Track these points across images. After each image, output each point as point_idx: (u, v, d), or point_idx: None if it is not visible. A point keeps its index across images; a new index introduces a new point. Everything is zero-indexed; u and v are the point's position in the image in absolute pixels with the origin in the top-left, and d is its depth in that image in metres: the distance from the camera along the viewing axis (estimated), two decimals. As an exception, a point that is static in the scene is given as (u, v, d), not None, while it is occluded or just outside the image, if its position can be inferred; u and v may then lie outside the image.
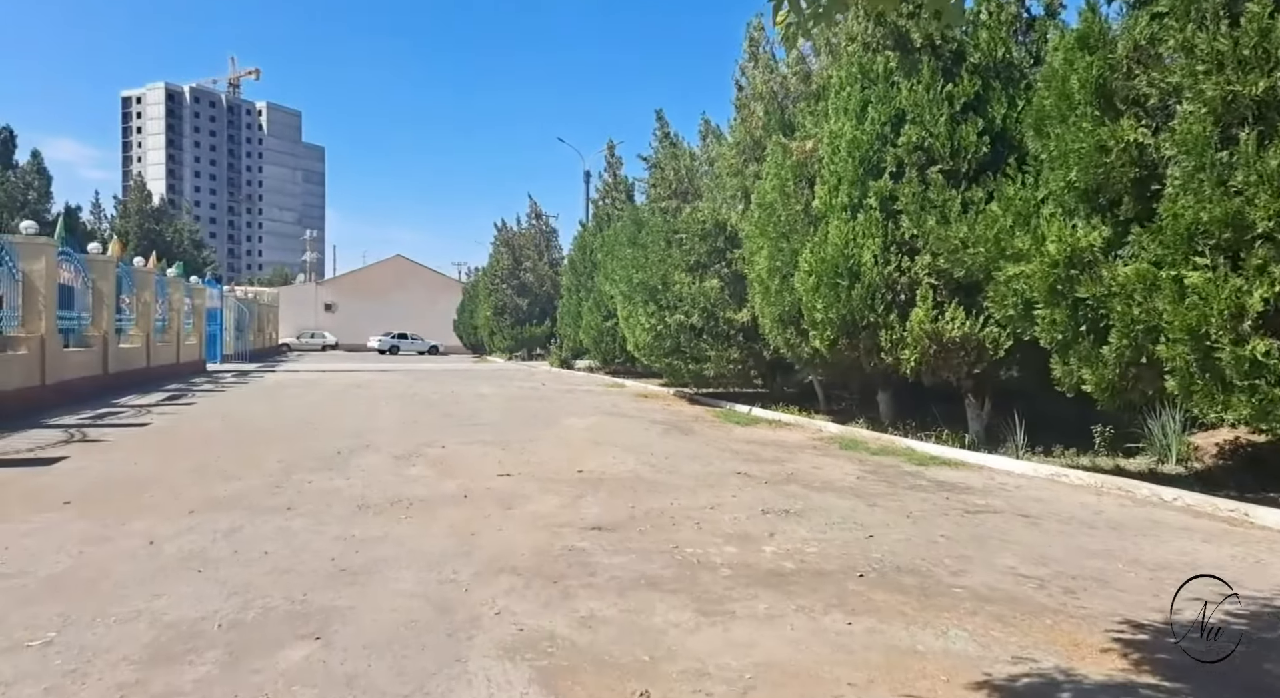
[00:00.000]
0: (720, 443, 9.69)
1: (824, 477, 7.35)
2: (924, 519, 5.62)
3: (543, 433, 10.32)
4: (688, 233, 13.78)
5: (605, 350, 22.38)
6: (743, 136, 13.57)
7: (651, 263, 14.37)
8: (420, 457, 8.25)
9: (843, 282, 9.43)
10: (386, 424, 11.04)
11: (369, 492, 6.34)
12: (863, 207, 9.55)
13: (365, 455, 8.24)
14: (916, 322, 8.78)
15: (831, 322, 9.66)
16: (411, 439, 9.51)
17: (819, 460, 8.34)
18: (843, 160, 9.79)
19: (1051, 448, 8.60)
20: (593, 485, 6.73)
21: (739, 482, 7.00)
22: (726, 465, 7.91)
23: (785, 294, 10.99)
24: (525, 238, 36.20)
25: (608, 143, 25.46)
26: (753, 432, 10.97)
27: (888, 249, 9.22)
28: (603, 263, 23.00)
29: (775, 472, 7.57)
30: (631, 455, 8.47)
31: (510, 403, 14.64)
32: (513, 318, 35.17)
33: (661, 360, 14.61)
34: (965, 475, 7.51)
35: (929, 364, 8.92)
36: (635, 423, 11.66)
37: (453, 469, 7.55)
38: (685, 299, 13.70)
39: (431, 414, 12.47)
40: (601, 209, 24.99)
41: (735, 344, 13.38)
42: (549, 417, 12.32)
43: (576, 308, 24.80)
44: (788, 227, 10.93)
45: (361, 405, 13.70)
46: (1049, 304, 6.69)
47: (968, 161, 8.99)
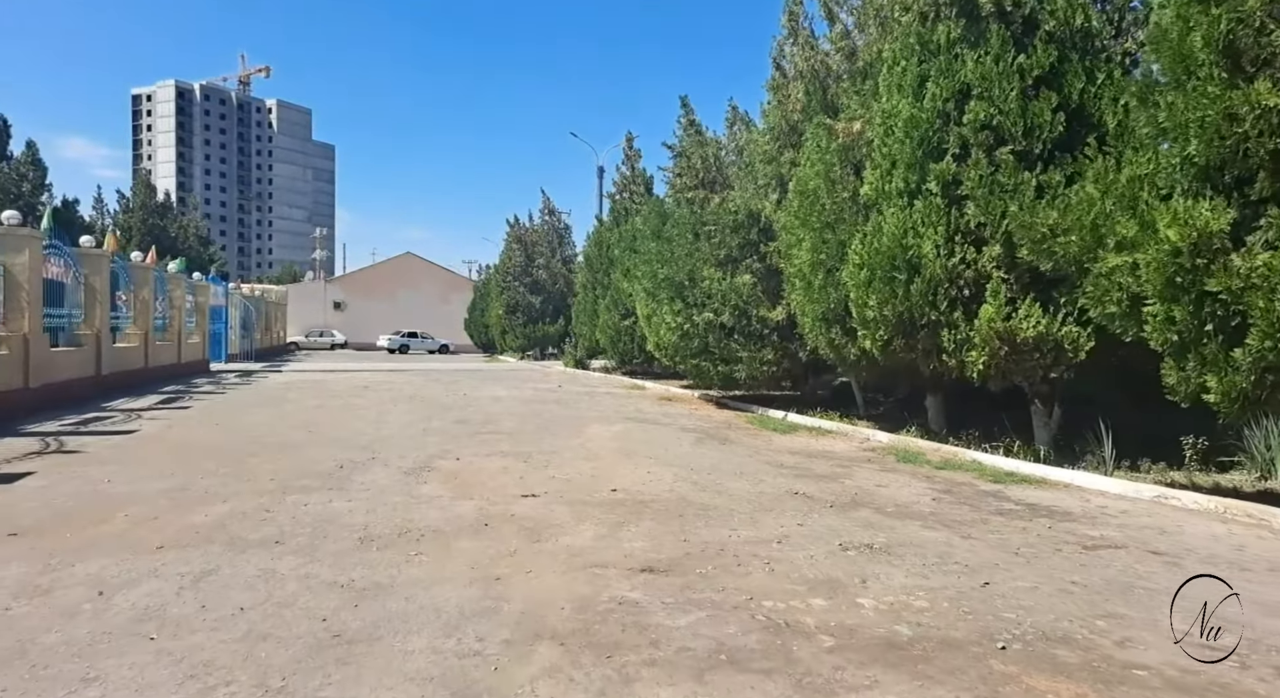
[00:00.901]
0: (763, 454, 8.74)
1: (894, 498, 6.40)
2: (1038, 558, 4.66)
3: (566, 442, 9.40)
4: (717, 225, 12.83)
5: (623, 350, 21.46)
6: (778, 121, 12.61)
7: (678, 257, 13.43)
8: (432, 471, 7.35)
9: (899, 276, 8.47)
10: (395, 431, 10.16)
11: (373, 518, 5.44)
12: (921, 192, 8.59)
13: (371, 470, 7.34)
14: (985, 320, 7.81)
15: (886, 320, 8.70)
16: (422, 449, 8.61)
17: (880, 477, 7.39)
18: (898, 141, 8.83)
19: (1134, 462, 7.62)
20: (632, 510, 5.81)
21: (799, 505, 6.05)
22: (778, 483, 6.96)
23: (830, 290, 10.02)
24: (538, 234, 35.33)
25: (626, 135, 24.55)
26: (794, 441, 10.02)
27: (951, 239, 8.24)
28: (620, 259, 22.11)
29: (836, 491, 6.62)
30: (668, 470, 7.54)
31: (527, 407, 13.74)
32: (525, 316, 34.30)
33: (688, 362, 13.67)
34: (1055, 497, 6.54)
35: (999, 367, 7.94)
36: (665, 430, 10.72)
37: (469, 487, 6.64)
38: (715, 296, 12.75)
39: (444, 420, 11.58)
40: (619, 203, 24.06)
41: (769, 344, 12.42)
42: (570, 423, 11.41)
43: (593, 306, 23.88)
44: (833, 216, 9.97)
45: (369, 410, 12.83)
46: (1166, 299, 5.70)
47: (1042, 141, 8.01)
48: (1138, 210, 5.99)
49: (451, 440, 9.38)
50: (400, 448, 8.71)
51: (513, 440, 9.49)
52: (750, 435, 10.42)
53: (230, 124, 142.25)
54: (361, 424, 10.82)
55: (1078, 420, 10.15)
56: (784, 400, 14.15)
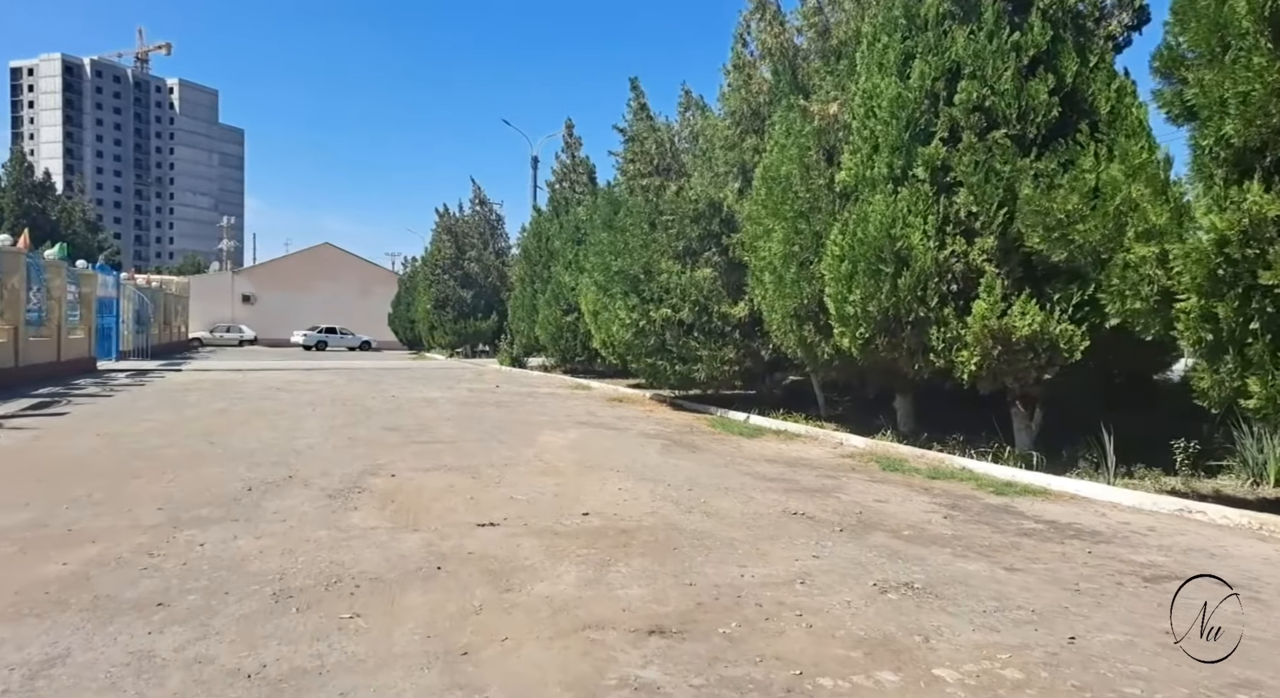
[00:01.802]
0: (739, 464, 7.93)
1: (902, 517, 5.66)
2: (1105, 597, 3.96)
3: (517, 452, 8.35)
4: (675, 215, 11.96)
5: (565, 348, 20.39)
6: (739, 105, 11.84)
7: (633, 249, 12.49)
8: (363, 492, 6.20)
9: (886, 268, 7.80)
10: (315, 441, 8.86)
11: (292, 563, 4.30)
12: (908, 178, 7.94)
13: (287, 492, 6.13)
14: (979, 317, 7.21)
15: (869, 316, 8.02)
16: (350, 464, 7.41)
17: (874, 489, 6.67)
18: (882, 123, 8.15)
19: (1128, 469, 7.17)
20: (616, 542, 4.85)
21: (804, 529, 5.23)
22: (769, 500, 6.14)
23: (803, 284, 9.30)
24: (469, 225, 33.76)
25: (566, 121, 23.41)
26: (764, 446, 9.25)
27: (942, 229, 7.62)
28: (561, 251, 21.06)
29: (836, 510, 5.84)
30: (642, 486, 6.61)
31: (465, 410, 12.54)
32: (456, 311, 32.69)
33: (643, 361, 12.76)
34: (1069, 511, 5.94)
35: (991, 368, 7.36)
36: (625, 437, 9.78)
37: (411, 513, 5.55)
38: (673, 291, 11.89)
39: (372, 426, 10.30)
40: (559, 193, 22.93)
41: (731, 343, 11.65)
42: (518, 429, 10.33)
43: (531, 301, 22.69)
44: (808, 204, 9.24)
45: (283, 415, 11.38)
46: (1205, 294, 5.14)
47: (1036, 126, 7.47)
48: (1169, 195, 5.43)
49: (383, 452, 8.18)
50: (322, 463, 7.47)
51: (455, 451, 8.37)
52: (717, 441, 9.60)
53: (126, 103, 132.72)
54: (274, 433, 9.45)
55: (1050, 422, 9.78)
56: (739, 400, 13.42)
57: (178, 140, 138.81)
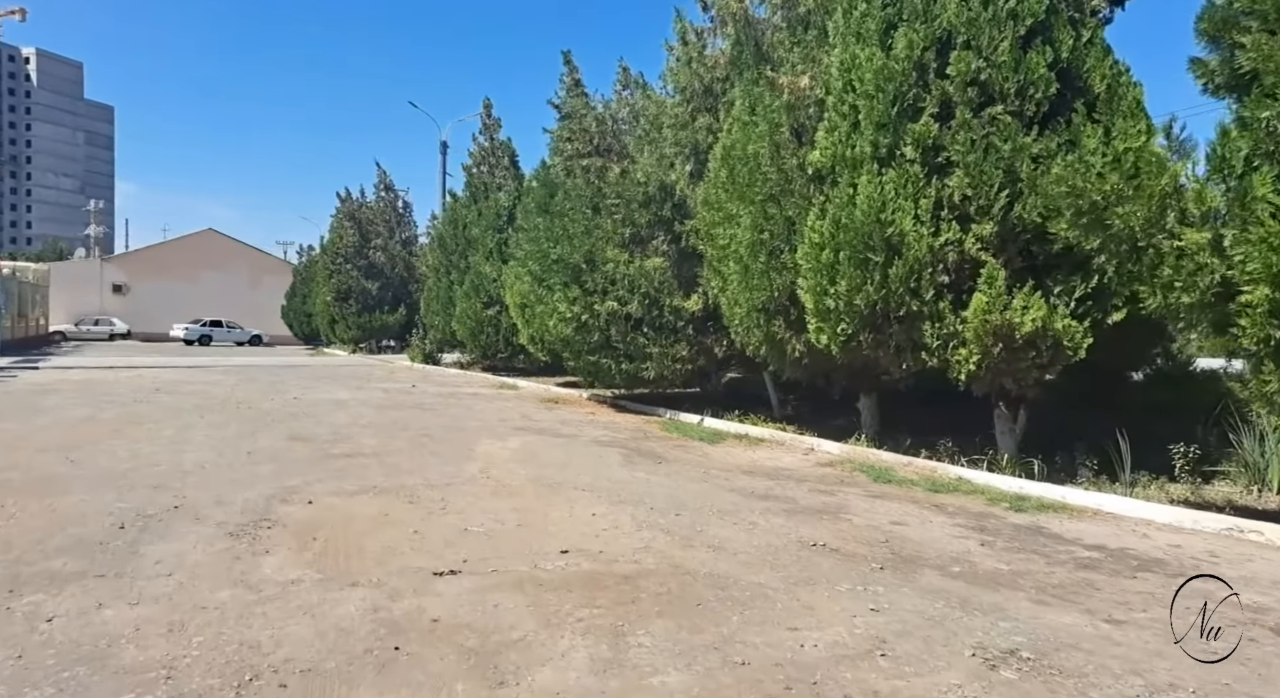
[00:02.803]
0: (715, 476, 7.03)
1: (931, 544, 4.90)
2: (1253, 664, 3.27)
3: (458, 467, 7.15)
4: (621, 199, 10.94)
5: (486, 344, 19.01)
6: (689, 81, 10.93)
7: (574, 235, 11.38)
8: (275, 526, 4.91)
9: (875, 257, 7.07)
10: (207, 457, 7.36)
11: (183, 646, 3.07)
12: (895, 158, 7.25)
13: (174, 529, 4.78)
14: (978, 311, 6.58)
15: (854, 311, 7.28)
16: (252, 486, 6.04)
17: (879, 508, 5.91)
18: (865, 97, 7.42)
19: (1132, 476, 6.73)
20: (619, 593, 3.83)
21: (837, 567, 4.36)
22: (773, 524, 5.26)
23: (773, 275, 8.50)
24: (374, 212, 31.51)
25: (484, 101, 21.87)
26: (732, 453, 8.41)
27: (936, 214, 6.96)
28: (481, 239, 19.69)
29: (854, 536, 5.03)
30: (620, 510, 5.60)
31: (384, 415, 11.11)
32: (360, 304, 30.46)
33: (584, 358, 11.69)
34: (1107, 532, 5.32)
35: (991, 368, 6.76)
36: (576, 445, 8.71)
37: (342, 556, 4.34)
38: (620, 282, 10.88)
39: (275, 435, 8.80)
40: (477, 177, 21.41)
41: (684, 339, 10.75)
42: (450, 436, 9.07)
43: (447, 293, 21.13)
44: (779, 187, 8.44)
45: (164, 423, 9.66)
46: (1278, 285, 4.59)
47: (1035, 102, 6.91)
48: (1224, 173, 4.88)
49: (294, 469, 6.81)
50: (218, 486, 6.06)
51: (383, 466, 7.08)
52: (678, 448, 8.68)
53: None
54: (154, 447, 7.85)
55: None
56: (682, 400, 12.58)
57: (35, 115, 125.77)
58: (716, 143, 10.35)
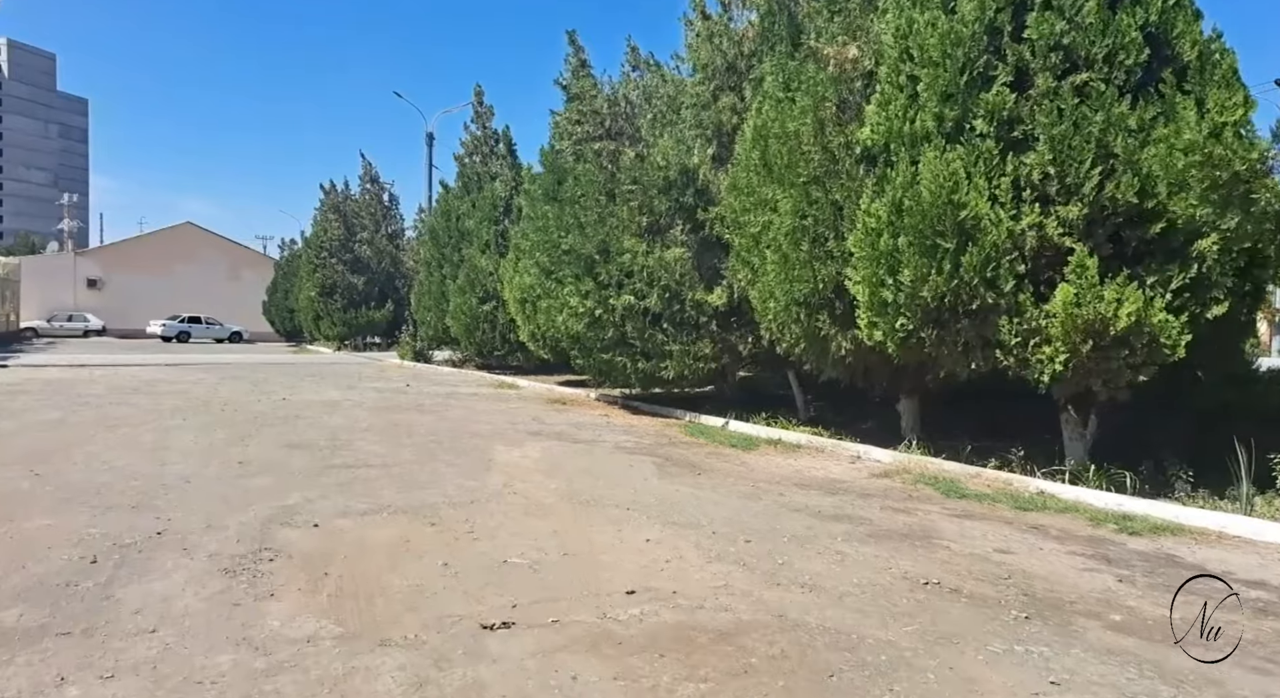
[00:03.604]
0: (766, 490, 6.30)
1: (1060, 580, 4.19)
2: None
3: (479, 480, 6.36)
4: (639, 184, 10.15)
5: (482, 341, 18.16)
6: (711, 58, 10.16)
7: (587, 224, 10.58)
8: (278, 558, 4.12)
9: (944, 243, 6.35)
10: (192, 467, 6.52)
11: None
12: (964, 133, 6.54)
13: (156, 563, 3.97)
14: (1065, 304, 5.88)
15: (918, 303, 6.57)
16: (247, 505, 5.22)
17: (972, 530, 5.20)
18: (928, 67, 6.70)
19: (1248, 492, 6.09)
20: (721, 656, 3.08)
21: (973, 617, 3.62)
22: (864, 555, 4.52)
23: (816, 265, 7.77)
24: (360, 205, 30.46)
25: (475, 88, 20.97)
26: (772, 462, 7.69)
27: (1018, 195, 6.25)
28: (476, 231, 18.83)
29: (968, 571, 4.30)
30: (678, 535, 4.85)
31: (382, 417, 10.28)
32: (345, 299, 29.43)
33: (595, 356, 10.91)
34: (1258, 564, 4.53)
35: (1079, 368, 6.07)
36: (599, 452, 7.95)
37: (364, 600, 3.56)
38: (637, 274, 10.10)
39: (267, 442, 7.96)
40: (470, 167, 20.52)
41: (707, 335, 10.00)
42: (461, 443, 8.27)
43: (440, 287, 20.24)
44: (824, 168, 7.70)
45: (143, 428, 8.78)
46: None
47: (1124, 70, 6.22)
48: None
49: (292, 483, 5.99)
50: (206, 504, 5.24)
51: (392, 479, 6.28)
52: (712, 456, 7.94)
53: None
54: (132, 456, 6.99)
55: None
56: (696, 400, 11.85)
57: (7, 107, 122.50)
58: (743, 123, 9.62)
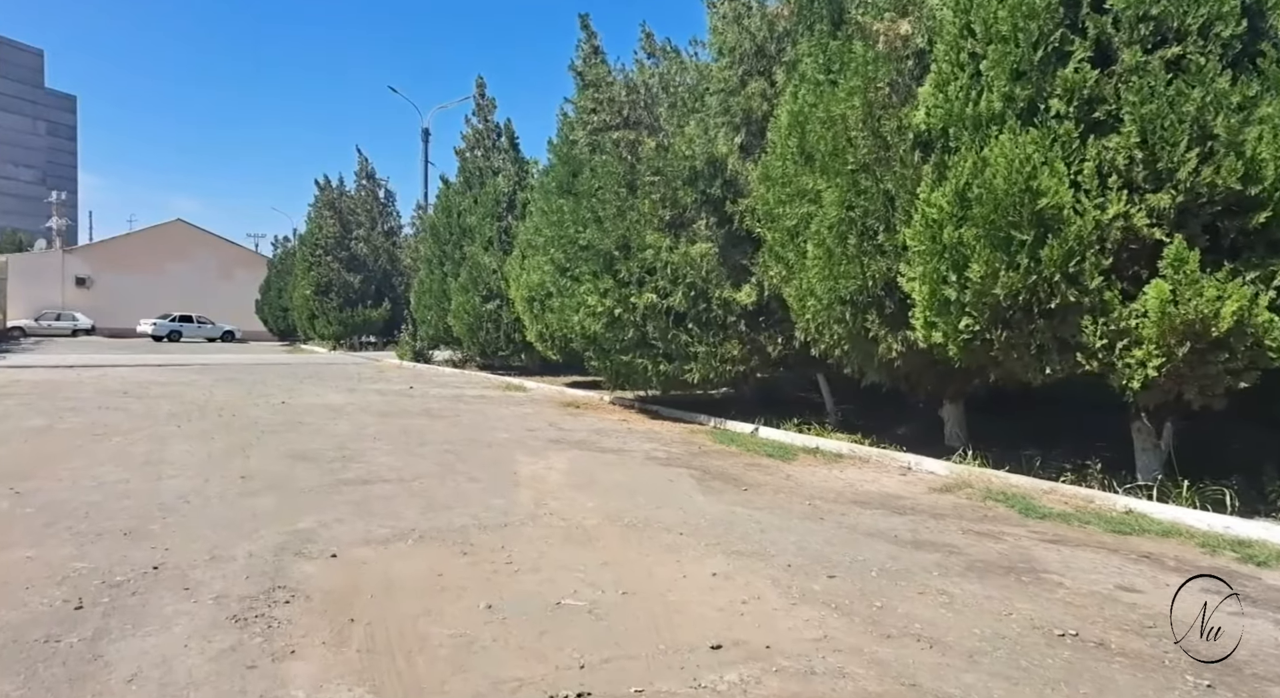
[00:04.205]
0: (827, 510, 5.72)
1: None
2: None
3: (507, 498, 5.75)
4: (662, 176, 9.55)
5: (486, 341, 17.54)
6: (737, 40, 9.57)
7: (607, 218, 9.97)
8: (294, 600, 3.53)
9: (1020, 235, 5.79)
10: (191, 483, 5.89)
11: None
12: (1037, 114, 5.97)
13: (153, 610, 3.37)
14: (1159, 301, 5.33)
15: (988, 302, 6.00)
16: (255, 530, 4.61)
17: (1079, 561, 4.62)
18: (996, 42, 6.14)
19: None
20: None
21: (1139, 685, 3.03)
22: (972, 594, 3.95)
23: (865, 260, 7.19)
24: (356, 201, 29.74)
25: (476, 80, 20.32)
26: (817, 474, 7.12)
27: (1104, 182, 5.69)
28: (478, 228, 18.20)
29: (1099, 616, 3.73)
30: (749, 568, 4.26)
31: (390, 423, 9.65)
32: (341, 298, 28.72)
33: (614, 358, 10.31)
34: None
35: (1173, 373, 5.51)
36: (630, 464, 7.35)
37: (401, 661, 2.97)
38: (660, 271, 9.50)
39: (270, 451, 7.33)
40: (471, 162, 19.87)
41: (735, 336, 9.41)
42: (479, 453, 7.66)
43: (440, 286, 19.59)
44: (874, 155, 7.12)
45: (136, 436, 8.13)
46: None
47: (1221, 43, 5.65)
48: None
49: (302, 502, 5.38)
50: (208, 528, 4.63)
51: (413, 497, 5.67)
52: (752, 467, 7.35)
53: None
54: (123, 469, 6.36)
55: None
56: (715, 404, 11.29)
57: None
58: (774, 110, 9.05)
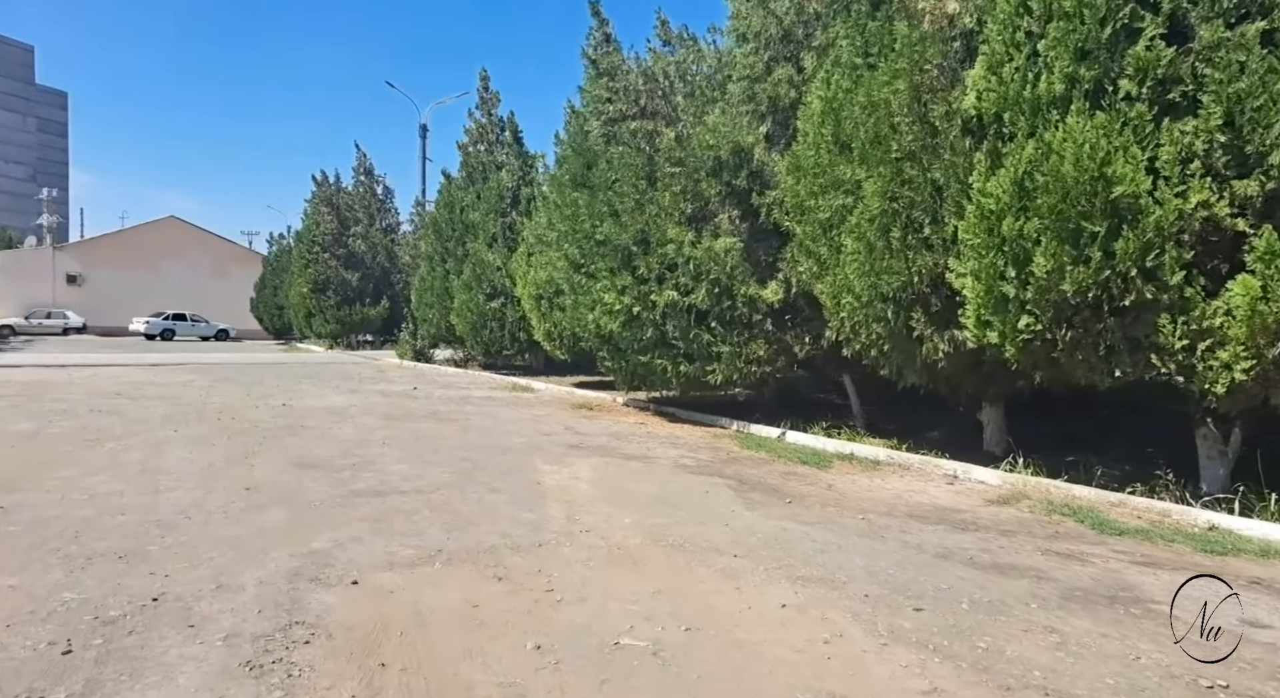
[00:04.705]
0: (883, 526, 5.28)
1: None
2: None
3: (536, 512, 5.29)
4: (684, 167, 9.09)
5: (490, 339, 17.06)
6: (762, 25, 9.12)
7: (625, 212, 9.51)
8: (314, 640, 3.07)
9: (1092, 227, 5.35)
10: (191, 495, 5.41)
11: None
12: (1104, 96, 5.53)
13: (153, 656, 2.90)
14: (1249, 298, 4.90)
15: (1053, 299, 5.56)
16: (264, 552, 4.13)
17: (1193, 590, 4.19)
18: (1059, 18, 5.70)
19: None
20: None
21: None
22: (1083, 632, 3.50)
23: (910, 255, 6.75)
24: (354, 197, 29.19)
25: (480, 72, 19.80)
26: (858, 483, 6.68)
27: (1185, 169, 5.25)
28: (482, 224, 17.73)
29: (1248, 663, 3.30)
30: (821, 597, 3.81)
31: (398, 427, 9.18)
32: (339, 296, 28.19)
33: (630, 358, 9.86)
34: None
35: (1262, 377, 5.08)
36: (659, 472, 6.90)
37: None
38: (682, 267, 9.04)
39: (274, 458, 6.85)
40: (474, 156, 19.38)
41: (761, 335, 8.96)
42: (497, 460, 7.19)
43: (443, 283, 19.10)
44: (920, 142, 6.67)
45: (130, 441, 7.64)
46: None
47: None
48: None
49: (315, 517, 4.91)
50: (213, 550, 4.15)
51: (434, 511, 5.21)
52: (790, 476, 6.91)
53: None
54: (117, 480, 5.87)
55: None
56: (732, 406, 10.85)
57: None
58: (801, 97, 8.61)
